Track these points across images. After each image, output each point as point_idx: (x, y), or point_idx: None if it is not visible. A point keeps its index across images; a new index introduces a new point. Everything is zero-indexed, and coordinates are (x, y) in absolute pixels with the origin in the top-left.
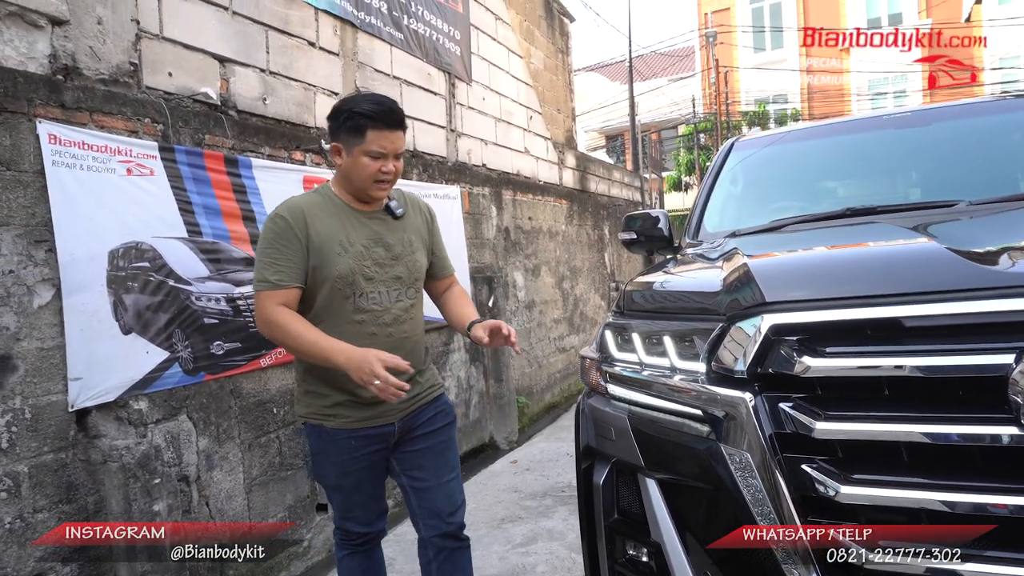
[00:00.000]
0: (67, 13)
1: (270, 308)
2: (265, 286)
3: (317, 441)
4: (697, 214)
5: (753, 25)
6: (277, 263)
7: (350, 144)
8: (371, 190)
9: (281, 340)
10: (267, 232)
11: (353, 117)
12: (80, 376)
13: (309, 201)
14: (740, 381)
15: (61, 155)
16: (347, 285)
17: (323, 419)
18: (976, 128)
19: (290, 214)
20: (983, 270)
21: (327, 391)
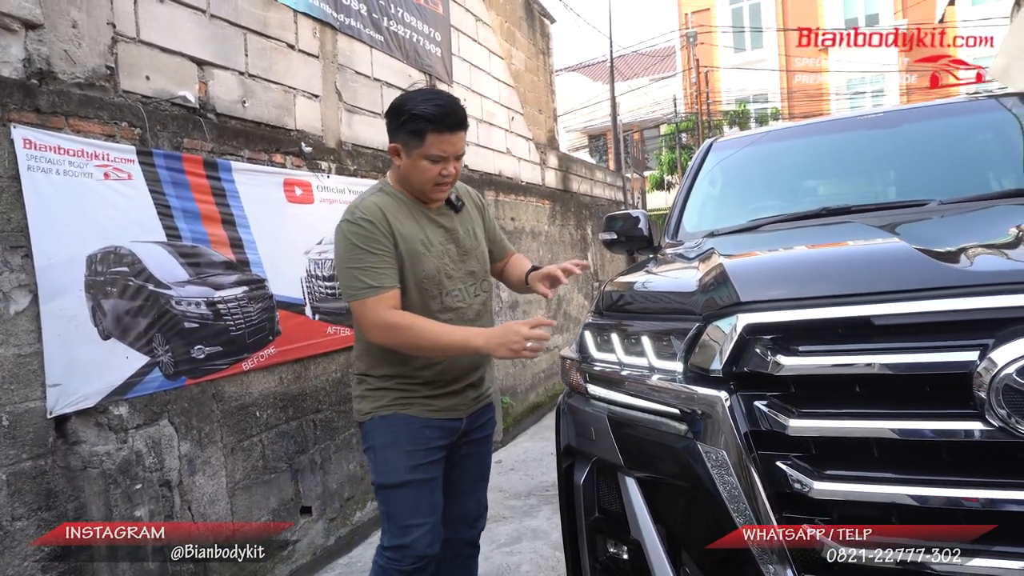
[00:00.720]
0: (41, 17)
1: (383, 312)
2: (370, 292)
3: (387, 433)
4: (676, 214)
5: (733, 25)
6: (374, 267)
7: (409, 147)
8: (431, 193)
9: (406, 340)
10: (352, 237)
11: (413, 120)
12: (58, 382)
13: (383, 201)
14: (716, 380)
15: (36, 160)
16: (434, 284)
17: (400, 407)
18: (947, 128)
19: (372, 216)
20: (948, 268)
21: (409, 383)
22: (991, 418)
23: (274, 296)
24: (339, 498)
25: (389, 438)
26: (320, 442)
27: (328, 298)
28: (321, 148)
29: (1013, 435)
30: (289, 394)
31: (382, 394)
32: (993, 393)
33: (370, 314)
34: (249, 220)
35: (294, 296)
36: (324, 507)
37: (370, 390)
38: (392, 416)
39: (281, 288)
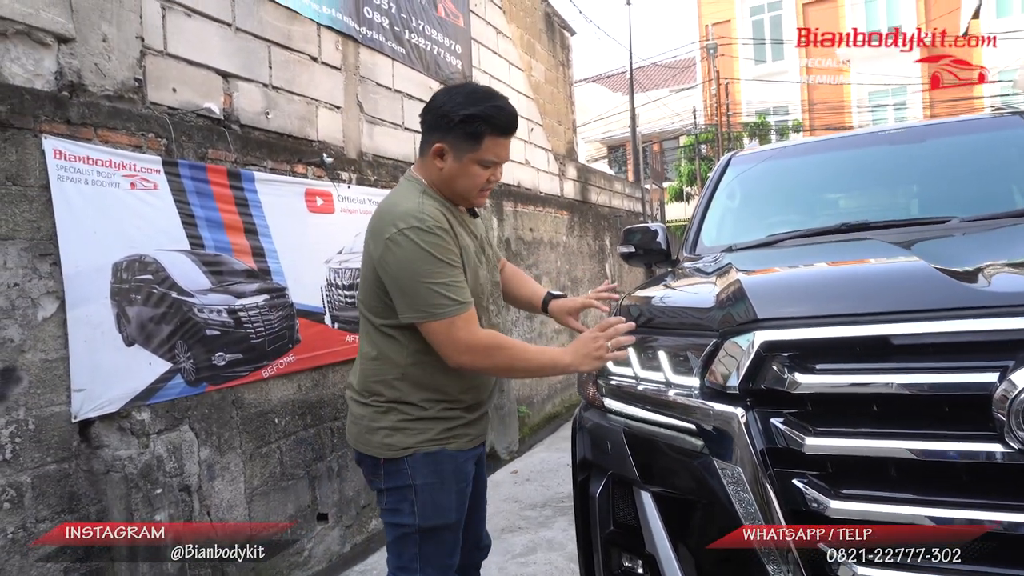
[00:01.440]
0: (73, 31)
1: (476, 332)
2: (459, 309)
3: (433, 472)
4: (695, 228)
5: (754, 37)
6: (458, 282)
7: (461, 150)
8: (475, 199)
9: (503, 363)
10: (429, 248)
11: (472, 121)
12: (83, 387)
13: (436, 205)
14: (733, 396)
15: (66, 170)
16: (484, 296)
17: (445, 443)
18: (970, 145)
19: (442, 222)
20: (967, 289)
21: (453, 412)
22: (1011, 440)
23: (294, 304)
24: (355, 505)
25: (435, 478)
26: (337, 449)
27: (347, 307)
28: (342, 159)
29: None
30: (307, 401)
31: (426, 426)
32: (1013, 415)
33: (462, 335)
34: (271, 229)
35: (314, 305)
36: (340, 514)
37: (408, 421)
38: (439, 453)
39: (301, 297)
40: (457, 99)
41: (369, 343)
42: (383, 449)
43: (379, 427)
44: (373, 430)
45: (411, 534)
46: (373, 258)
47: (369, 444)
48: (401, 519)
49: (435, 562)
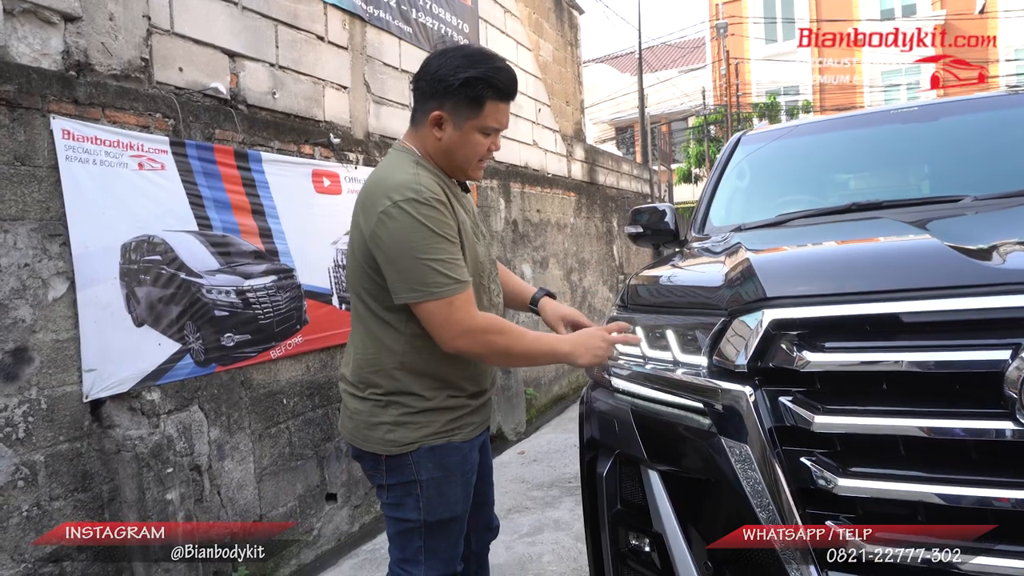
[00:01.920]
0: (80, 10)
1: (474, 313)
2: (457, 288)
3: (439, 465)
4: (703, 208)
5: (764, 16)
6: (456, 259)
7: (461, 116)
8: (474, 170)
9: (502, 349)
10: (427, 221)
11: (473, 85)
12: (94, 367)
13: (431, 177)
14: (741, 375)
15: (74, 150)
16: (485, 274)
17: (451, 435)
18: (983, 123)
19: (441, 195)
20: (980, 266)
21: (458, 401)
22: (1022, 417)
23: (302, 285)
24: (364, 485)
25: (442, 472)
26: None
27: None
28: (349, 139)
29: None
30: (316, 382)
31: (430, 418)
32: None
33: (460, 316)
34: (278, 210)
35: (321, 286)
36: (349, 494)
37: (411, 414)
38: (445, 446)
39: (309, 278)
40: (454, 62)
41: (362, 330)
42: (386, 445)
43: (380, 422)
44: (373, 425)
45: (416, 528)
46: (364, 234)
47: (369, 440)
48: (406, 514)
49: (441, 554)
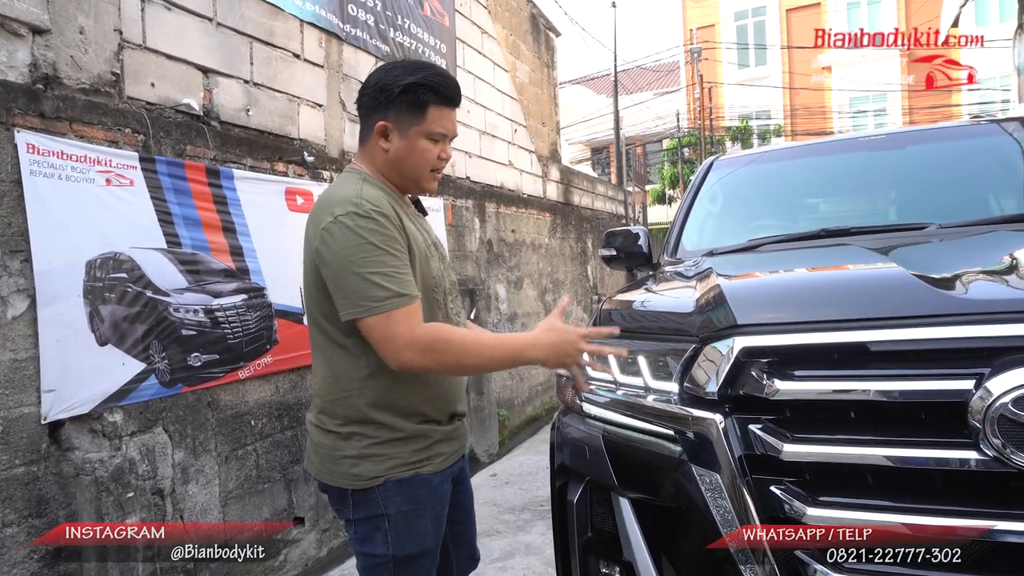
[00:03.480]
0: (49, 22)
1: (418, 328)
2: (401, 301)
3: (408, 500)
4: (676, 231)
5: (737, 42)
6: (399, 272)
7: (406, 123)
8: (426, 181)
9: (453, 361)
10: (366, 234)
11: (414, 90)
12: (54, 388)
13: (384, 194)
14: (711, 402)
15: (39, 164)
16: (437, 287)
17: (419, 466)
18: (947, 152)
19: (385, 209)
20: (944, 296)
21: (427, 429)
22: (986, 448)
23: (273, 304)
24: (332, 509)
25: (410, 505)
26: None
27: None
28: (324, 157)
29: (1007, 465)
30: (285, 403)
31: (396, 450)
32: (988, 423)
33: (403, 330)
34: (250, 228)
35: (293, 305)
36: (317, 518)
37: (375, 445)
38: (410, 481)
39: (280, 296)
40: (394, 72)
41: (321, 357)
42: (350, 480)
43: (344, 456)
44: (337, 459)
45: (385, 563)
46: (312, 254)
47: (334, 474)
48: (373, 549)
49: None
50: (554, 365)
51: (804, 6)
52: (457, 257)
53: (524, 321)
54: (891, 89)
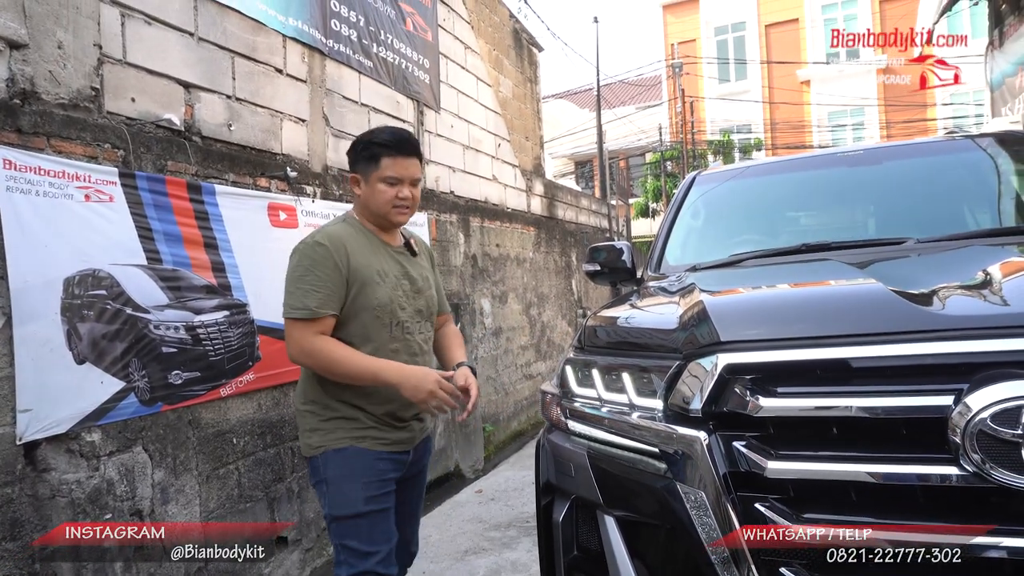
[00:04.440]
0: (26, 37)
1: (308, 337)
2: (303, 313)
3: (342, 466)
4: (659, 246)
5: (718, 57)
6: (317, 290)
7: (367, 172)
8: (391, 215)
9: (325, 367)
10: (304, 259)
11: (369, 147)
12: (30, 407)
13: (345, 231)
14: (696, 419)
15: (16, 180)
16: (386, 313)
17: (354, 441)
18: (924, 167)
19: (330, 242)
20: (923, 312)
21: (359, 415)
22: (965, 463)
23: (255, 321)
24: (316, 528)
25: (343, 470)
26: (298, 470)
27: None
28: (307, 172)
29: (987, 480)
30: (268, 421)
31: (335, 426)
32: (967, 438)
33: (297, 335)
34: (232, 244)
35: (276, 321)
36: (300, 537)
37: (322, 422)
38: (347, 449)
39: (263, 313)
40: (363, 135)
41: None
42: (306, 449)
43: (304, 430)
44: (303, 433)
45: (329, 522)
46: None
47: (302, 445)
48: (323, 509)
49: (354, 551)
50: (408, 392)
51: (783, 21)
52: (441, 272)
53: (509, 335)
54: (868, 103)
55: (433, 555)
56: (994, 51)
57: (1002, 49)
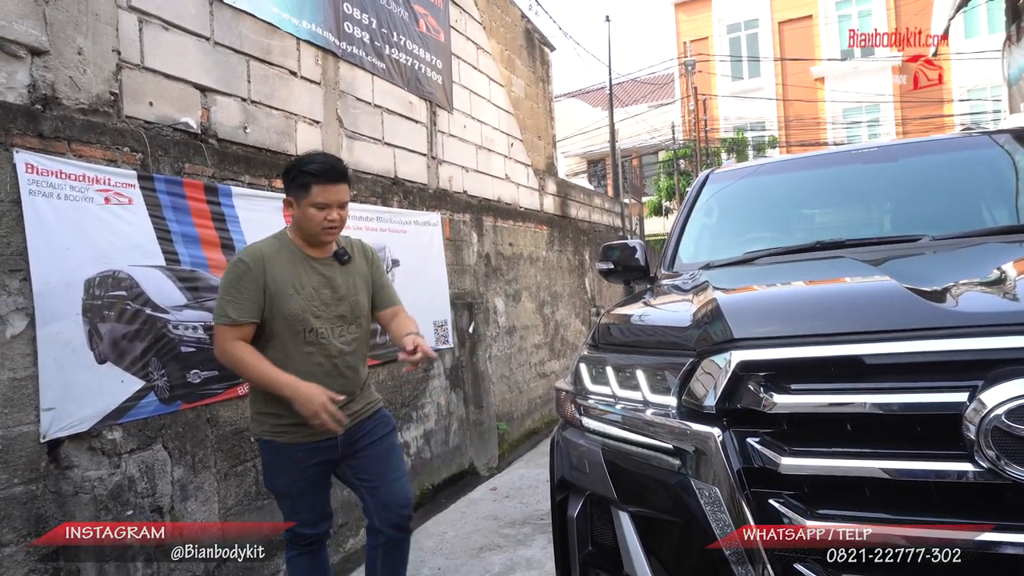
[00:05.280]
0: (47, 44)
1: (228, 341)
2: (225, 320)
3: (270, 454)
4: (673, 245)
5: (731, 54)
6: (237, 301)
7: (299, 198)
8: (321, 236)
9: (236, 369)
10: (229, 274)
11: (300, 175)
12: (52, 406)
13: (269, 247)
14: (710, 416)
15: (38, 184)
16: (298, 321)
17: (276, 435)
18: (939, 164)
19: (251, 259)
20: (937, 309)
21: (281, 412)
22: (980, 460)
23: None
24: (332, 525)
25: (271, 458)
26: None
27: None
28: None
29: (1001, 477)
30: None
31: (264, 419)
32: (982, 435)
33: (219, 338)
34: None
35: None
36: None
37: (257, 413)
38: (272, 443)
39: None
40: (295, 162)
41: None
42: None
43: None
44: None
45: None
46: None
47: None
48: None
49: (287, 517)
50: (298, 407)
51: (796, 18)
52: (455, 271)
53: (523, 334)
54: (884, 100)
55: (448, 552)
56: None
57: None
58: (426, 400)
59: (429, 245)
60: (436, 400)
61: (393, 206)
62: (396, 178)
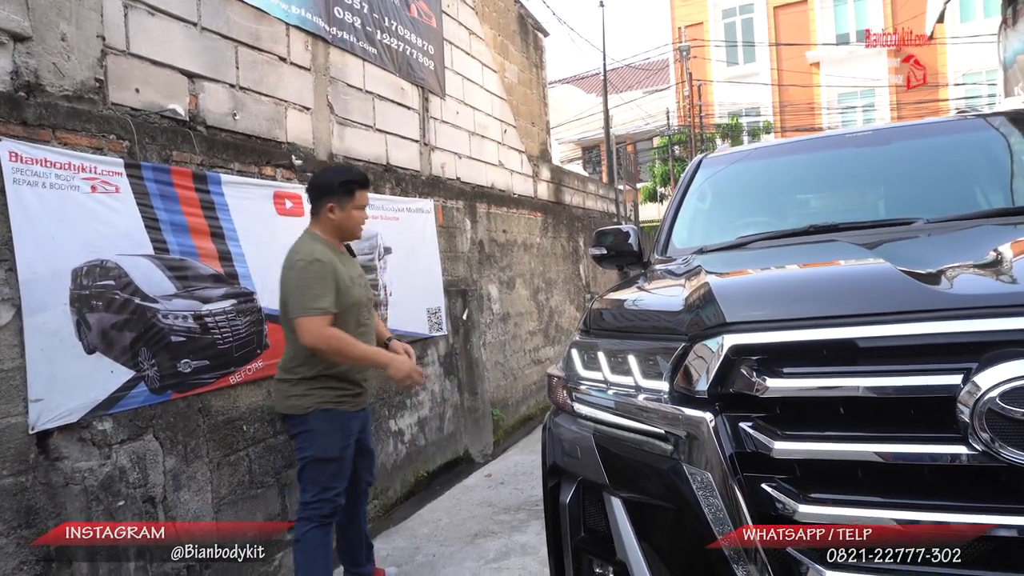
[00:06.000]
0: (30, 30)
1: (327, 328)
2: (321, 311)
3: (328, 423)
4: (666, 230)
5: (726, 40)
6: (327, 295)
7: (343, 202)
8: (358, 232)
9: (339, 349)
10: (311, 272)
11: (348, 183)
12: (41, 397)
13: (323, 247)
14: (702, 400)
15: (22, 173)
16: (357, 308)
17: (336, 404)
18: (934, 147)
19: (326, 258)
20: (931, 291)
21: (341, 385)
22: (974, 442)
23: (263, 309)
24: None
25: (329, 426)
26: None
27: None
28: (312, 160)
29: (996, 459)
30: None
31: (324, 392)
32: (976, 417)
33: (315, 328)
34: (238, 233)
35: None
36: None
37: (313, 388)
38: (333, 411)
39: (270, 301)
40: (335, 173)
41: (288, 339)
42: (294, 408)
43: (291, 394)
44: (290, 396)
45: (310, 463)
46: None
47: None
48: (302, 453)
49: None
50: (392, 371)
51: (791, 3)
52: (448, 258)
53: (517, 321)
54: (879, 85)
55: (443, 538)
56: (1007, 30)
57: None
58: (420, 387)
59: (422, 232)
60: (430, 387)
61: (385, 193)
62: (388, 165)
